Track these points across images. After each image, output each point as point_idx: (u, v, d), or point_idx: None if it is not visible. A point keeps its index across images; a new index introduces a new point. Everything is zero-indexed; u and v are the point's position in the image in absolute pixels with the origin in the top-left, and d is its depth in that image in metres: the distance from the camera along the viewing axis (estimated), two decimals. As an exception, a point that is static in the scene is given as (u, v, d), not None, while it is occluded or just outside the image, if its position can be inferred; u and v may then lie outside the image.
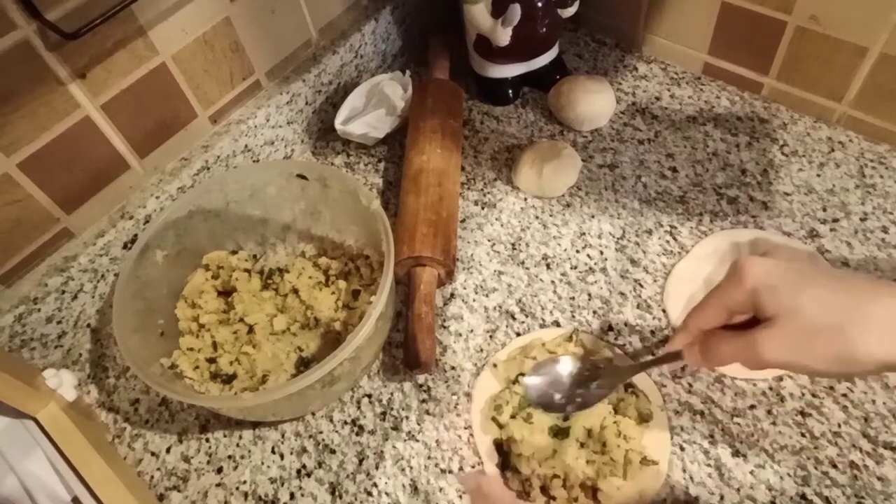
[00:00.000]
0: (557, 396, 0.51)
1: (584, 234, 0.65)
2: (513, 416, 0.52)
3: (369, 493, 0.52)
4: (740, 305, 0.40)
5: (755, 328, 0.39)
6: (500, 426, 0.52)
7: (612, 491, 0.48)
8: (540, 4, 0.67)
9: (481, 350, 0.58)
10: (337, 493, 0.52)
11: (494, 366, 0.56)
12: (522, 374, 0.53)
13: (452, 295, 0.62)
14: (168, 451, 0.56)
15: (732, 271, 0.41)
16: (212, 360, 0.57)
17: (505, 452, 0.51)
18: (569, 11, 0.69)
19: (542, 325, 0.59)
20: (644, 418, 0.51)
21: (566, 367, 0.52)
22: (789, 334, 0.37)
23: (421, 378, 0.57)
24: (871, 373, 0.48)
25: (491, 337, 0.59)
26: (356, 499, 0.51)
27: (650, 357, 0.55)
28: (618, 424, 0.50)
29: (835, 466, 0.48)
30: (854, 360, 0.36)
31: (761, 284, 0.39)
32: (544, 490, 0.49)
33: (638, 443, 0.50)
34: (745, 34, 0.70)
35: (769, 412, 0.51)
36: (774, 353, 0.38)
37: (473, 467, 0.52)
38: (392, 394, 0.57)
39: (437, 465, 0.52)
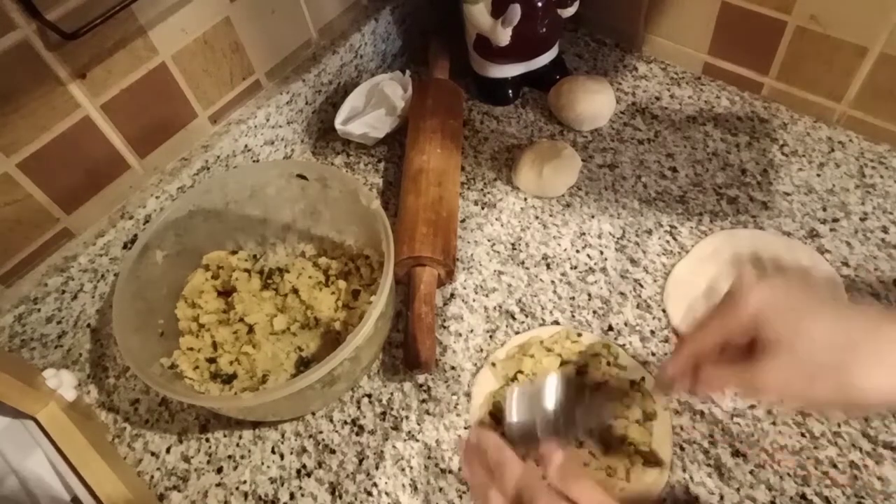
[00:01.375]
0: (540, 425, 0.45)
1: (584, 234, 0.65)
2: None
3: (369, 493, 0.52)
4: (739, 330, 0.39)
5: (754, 358, 0.38)
6: (499, 423, 0.52)
7: (612, 492, 0.48)
8: (540, 4, 0.67)
9: (481, 350, 0.58)
10: (337, 493, 0.52)
11: (493, 364, 0.56)
12: (521, 372, 0.53)
13: (452, 295, 0.62)
14: (168, 451, 0.56)
15: (731, 297, 0.39)
16: (212, 360, 0.57)
17: None
18: (569, 11, 0.69)
19: (542, 325, 0.59)
20: (648, 417, 0.51)
21: (551, 393, 0.46)
22: (790, 365, 0.36)
23: (421, 378, 0.57)
24: (878, 408, 0.46)
25: (491, 337, 0.59)
26: (356, 499, 0.51)
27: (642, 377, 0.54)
28: (625, 429, 0.50)
29: (835, 466, 0.48)
30: (858, 394, 0.35)
31: (762, 312, 0.37)
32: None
33: (643, 447, 0.50)
34: (745, 34, 0.70)
35: (769, 412, 0.51)
36: (774, 384, 0.37)
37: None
38: (392, 394, 0.57)
39: (437, 465, 0.52)
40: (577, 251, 0.63)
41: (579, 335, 0.56)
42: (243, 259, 0.63)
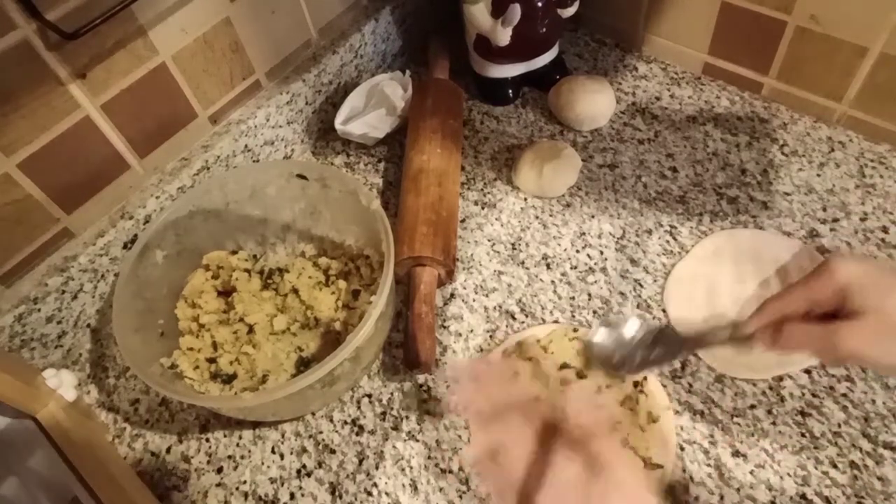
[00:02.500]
0: (617, 357, 0.50)
1: (584, 234, 0.65)
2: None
3: (369, 493, 0.52)
4: (826, 301, 0.40)
5: (838, 321, 0.39)
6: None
7: None
8: (540, 4, 0.67)
9: (481, 350, 0.58)
10: (337, 493, 0.52)
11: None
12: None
13: (452, 295, 0.62)
14: (168, 451, 0.56)
15: (824, 267, 0.41)
16: (212, 360, 0.57)
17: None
18: (569, 11, 0.69)
19: (541, 324, 0.59)
20: (653, 419, 0.51)
21: (632, 328, 0.50)
22: (872, 330, 0.38)
23: (421, 378, 0.57)
24: None
25: (491, 337, 0.59)
26: (356, 499, 0.51)
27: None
28: (625, 432, 0.50)
29: (835, 466, 0.48)
30: None
31: (852, 283, 0.39)
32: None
33: (644, 449, 0.49)
34: (745, 34, 0.70)
35: (769, 412, 0.51)
36: (854, 346, 0.38)
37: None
38: (392, 394, 0.57)
39: (437, 465, 0.52)
40: (577, 251, 0.63)
41: (575, 331, 0.57)
42: (243, 259, 0.63)
